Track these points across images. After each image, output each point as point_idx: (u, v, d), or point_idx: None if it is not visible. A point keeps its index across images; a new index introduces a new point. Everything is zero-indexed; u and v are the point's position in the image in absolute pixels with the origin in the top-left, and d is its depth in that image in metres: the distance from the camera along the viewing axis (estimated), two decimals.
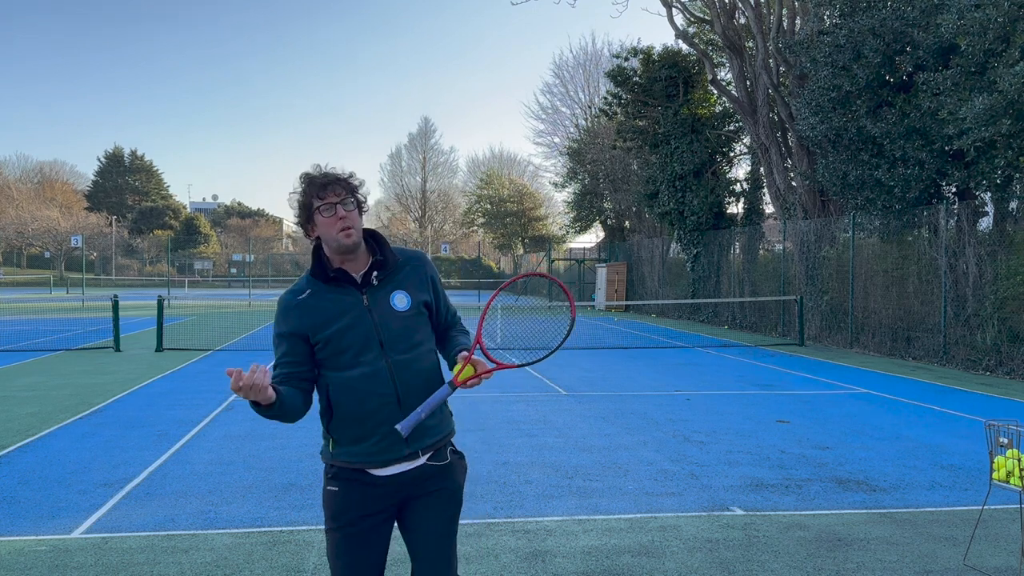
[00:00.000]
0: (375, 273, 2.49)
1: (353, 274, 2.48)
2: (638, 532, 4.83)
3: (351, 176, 2.48)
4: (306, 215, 2.45)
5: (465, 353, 2.40)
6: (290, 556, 4.40)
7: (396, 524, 2.56)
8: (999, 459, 4.18)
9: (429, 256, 2.70)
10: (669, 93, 24.69)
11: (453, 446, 2.61)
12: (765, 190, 22.62)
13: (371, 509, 2.46)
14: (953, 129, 12.60)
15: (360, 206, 2.48)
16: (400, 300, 2.49)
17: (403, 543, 2.58)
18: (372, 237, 2.56)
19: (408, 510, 2.52)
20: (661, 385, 10.99)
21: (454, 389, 2.38)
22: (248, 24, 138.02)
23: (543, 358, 2.58)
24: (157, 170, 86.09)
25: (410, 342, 2.46)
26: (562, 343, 2.59)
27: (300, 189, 2.46)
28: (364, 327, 2.43)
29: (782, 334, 19.10)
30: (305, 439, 7.31)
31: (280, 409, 2.45)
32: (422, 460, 2.49)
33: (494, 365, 2.40)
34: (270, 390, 2.31)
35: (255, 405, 2.38)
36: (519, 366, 2.54)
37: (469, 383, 2.36)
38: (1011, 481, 4.08)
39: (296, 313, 2.47)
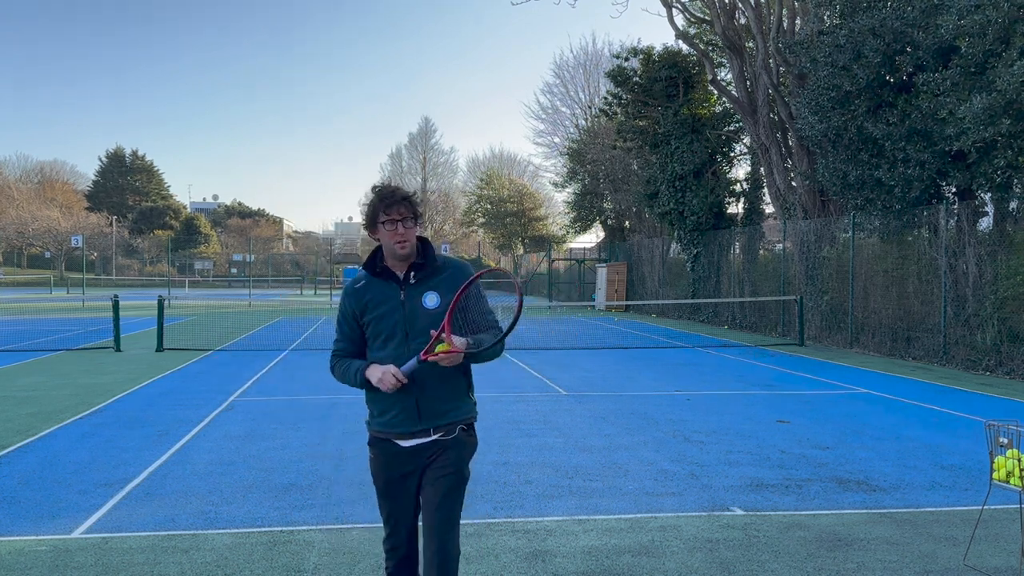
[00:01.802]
0: (413, 273, 2.96)
1: (397, 272, 2.97)
2: (638, 532, 4.83)
3: (414, 195, 2.97)
4: (371, 222, 2.95)
5: (434, 332, 2.82)
6: (290, 556, 4.40)
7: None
8: (999, 459, 4.18)
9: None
10: (669, 93, 24.69)
11: (466, 426, 3.03)
12: (765, 190, 22.62)
13: (397, 472, 3.00)
14: (953, 129, 12.60)
15: (417, 220, 2.95)
16: (431, 299, 2.94)
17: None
18: (421, 243, 3.01)
19: (423, 475, 3.01)
20: (661, 385, 10.98)
21: (420, 363, 2.78)
22: (249, 26, 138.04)
23: (489, 347, 2.86)
24: (158, 170, 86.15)
25: (431, 336, 2.84)
26: (508, 331, 2.85)
27: (371, 200, 2.94)
28: (395, 317, 2.93)
29: (782, 334, 19.10)
30: (305, 439, 7.31)
31: None
32: (434, 436, 2.95)
33: (453, 348, 2.77)
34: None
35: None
36: (466, 350, 2.80)
37: (439, 357, 2.73)
38: (1011, 481, 4.08)
39: (354, 297, 3.02)
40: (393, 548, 3.06)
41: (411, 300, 2.93)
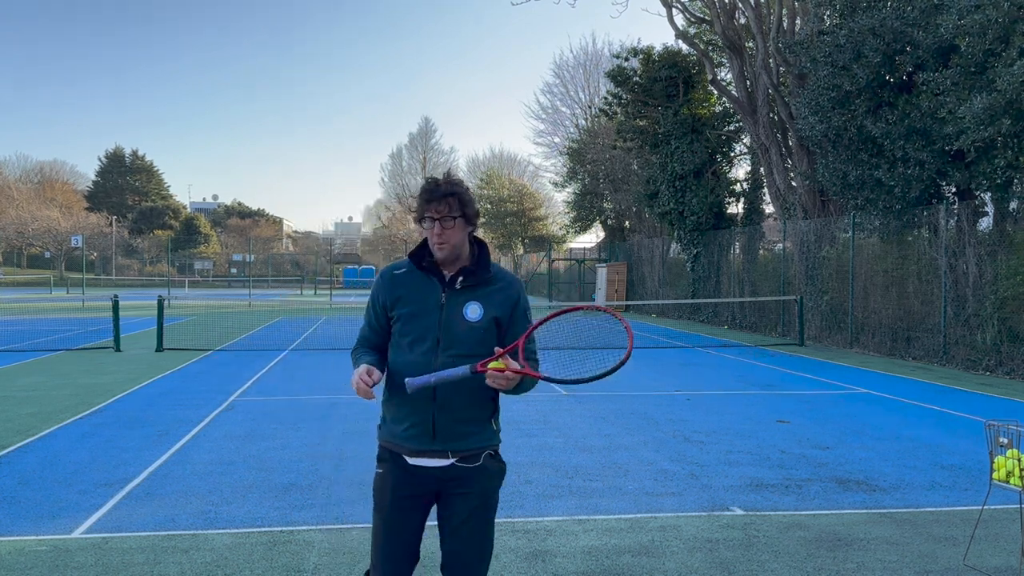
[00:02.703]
0: (460, 278, 2.64)
1: (444, 271, 2.67)
2: (638, 532, 4.83)
3: (462, 189, 2.63)
4: (419, 215, 2.66)
5: (499, 349, 2.50)
6: (290, 556, 4.40)
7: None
8: (999, 459, 4.18)
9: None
10: (669, 93, 24.69)
11: (493, 452, 2.70)
12: (765, 190, 22.62)
13: (404, 493, 2.63)
14: (952, 129, 12.60)
15: (468, 219, 2.64)
16: (473, 311, 2.62)
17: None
18: (478, 246, 2.73)
19: (442, 505, 2.68)
20: (661, 385, 10.98)
21: (474, 373, 2.44)
22: (249, 26, 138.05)
23: (574, 381, 2.54)
24: (157, 170, 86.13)
25: (466, 349, 2.56)
26: (604, 375, 2.55)
27: (420, 191, 2.67)
28: (429, 320, 2.61)
29: (782, 334, 19.10)
30: (305, 439, 7.31)
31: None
32: (451, 460, 2.61)
33: (522, 367, 2.48)
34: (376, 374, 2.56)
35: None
36: (543, 378, 2.52)
37: (492, 375, 2.42)
38: (1011, 481, 4.08)
39: (387, 285, 2.72)
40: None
41: (452, 306, 2.61)
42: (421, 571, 3.34)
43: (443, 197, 2.58)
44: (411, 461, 2.61)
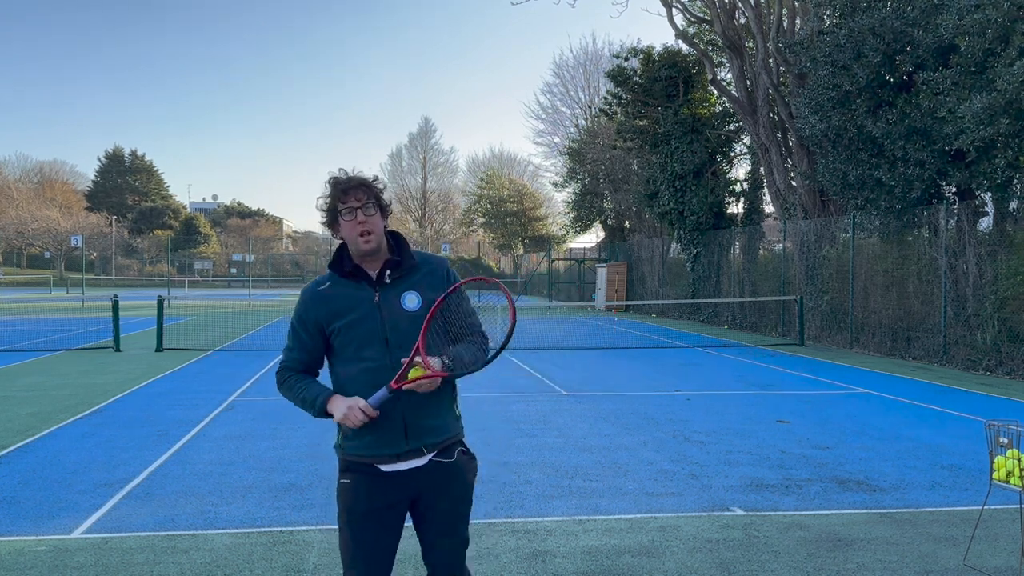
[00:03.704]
0: (388, 272, 2.57)
1: (369, 271, 2.58)
2: (638, 532, 4.83)
3: (375, 180, 2.58)
4: (331, 217, 2.57)
5: (405, 360, 2.44)
6: (290, 556, 4.40)
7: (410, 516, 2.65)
8: (999, 459, 4.18)
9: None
10: (669, 93, 24.69)
11: (464, 447, 2.67)
12: (765, 190, 22.61)
13: (380, 503, 2.53)
14: (952, 128, 12.60)
15: (383, 210, 2.57)
16: (411, 300, 2.55)
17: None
18: (393, 238, 2.64)
19: (419, 506, 2.60)
20: (661, 385, 10.98)
21: (391, 392, 2.41)
22: (249, 25, 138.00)
23: (472, 370, 2.48)
24: (157, 170, 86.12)
25: (417, 340, 2.47)
26: (497, 353, 2.50)
27: (327, 192, 2.57)
28: (372, 323, 2.52)
29: (782, 334, 19.10)
30: (305, 439, 7.31)
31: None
32: (428, 457, 2.55)
33: (442, 359, 2.46)
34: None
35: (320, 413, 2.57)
36: (445, 375, 2.44)
37: (417, 385, 2.39)
38: (1011, 481, 4.08)
39: (314, 302, 2.59)
40: None
41: (388, 302, 2.53)
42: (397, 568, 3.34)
43: (357, 186, 2.53)
44: (385, 468, 2.52)
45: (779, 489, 5.80)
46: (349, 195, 2.52)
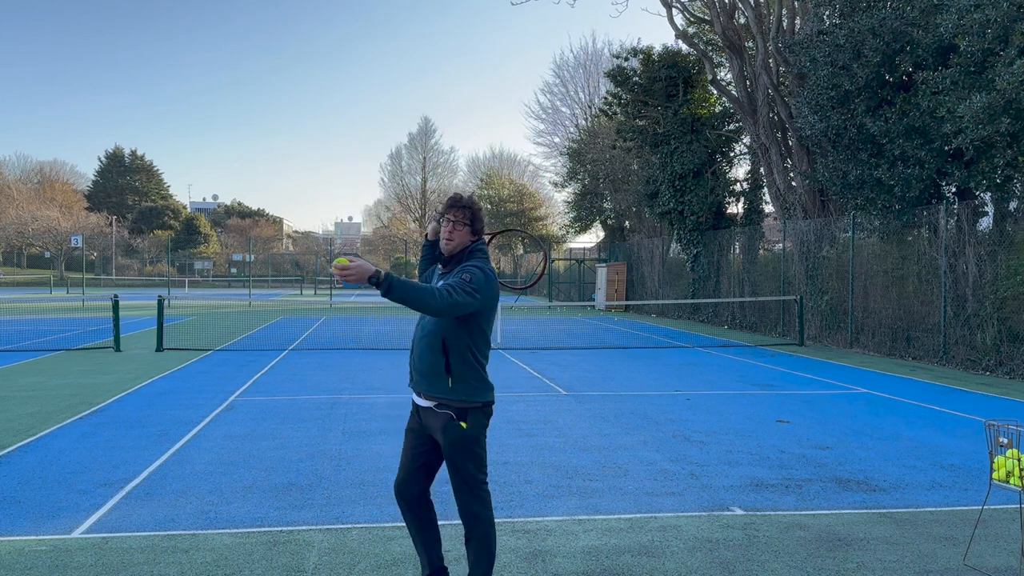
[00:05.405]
0: (443, 268, 3.57)
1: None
2: (638, 532, 4.83)
3: (474, 205, 3.52)
4: (438, 219, 3.60)
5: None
6: (290, 556, 4.40)
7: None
8: (999, 459, 4.18)
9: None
10: (669, 93, 24.69)
11: (453, 416, 3.39)
12: (765, 190, 22.62)
13: (412, 424, 3.60)
14: (951, 128, 12.60)
15: (473, 227, 3.50)
16: (439, 280, 3.54)
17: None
18: (470, 252, 3.50)
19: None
20: (661, 385, 10.98)
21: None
22: (249, 26, 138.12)
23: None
24: (157, 170, 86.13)
25: (430, 318, 3.41)
26: (525, 288, 3.09)
27: (446, 203, 3.58)
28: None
29: (782, 334, 19.10)
30: (305, 439, 7.31)
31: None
32: (429, 403, 3.45)
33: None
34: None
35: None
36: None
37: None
38: (1011, 481, 4.08)
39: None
40: (397, 481, 3.63)
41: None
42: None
43: (454, 207, 3.46)
44: (415, 400, 3.55)
45: (779, 489, 5.80)
46: (449, 211, 3.48)
